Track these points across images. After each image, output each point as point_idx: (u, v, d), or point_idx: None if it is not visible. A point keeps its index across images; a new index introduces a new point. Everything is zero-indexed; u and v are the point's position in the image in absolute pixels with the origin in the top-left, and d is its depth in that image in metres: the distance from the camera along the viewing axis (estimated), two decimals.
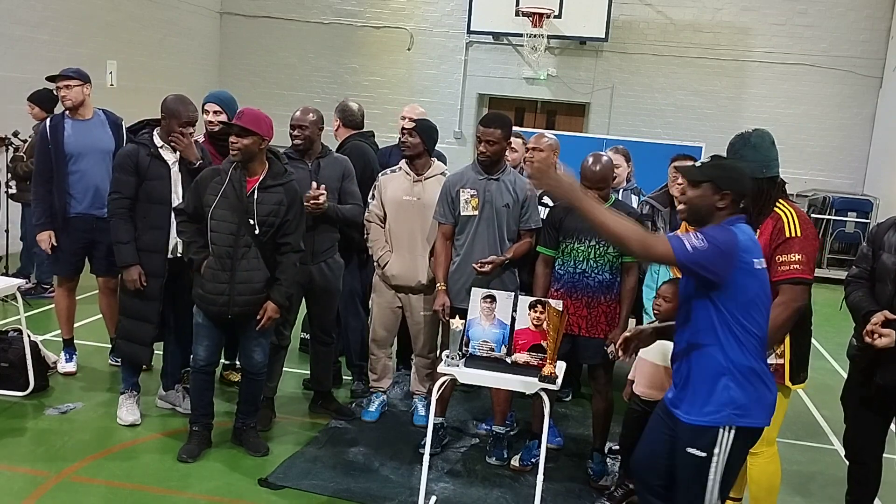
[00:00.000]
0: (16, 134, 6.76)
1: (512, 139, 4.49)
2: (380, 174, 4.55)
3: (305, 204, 4.09)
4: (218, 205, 3.80)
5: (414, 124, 4.38)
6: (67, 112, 4.86)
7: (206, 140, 4.66)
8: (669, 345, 3.49)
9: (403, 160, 4.46)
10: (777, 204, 3.20)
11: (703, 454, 2.66)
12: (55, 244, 4.84)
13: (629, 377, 3.83)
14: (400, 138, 4.48)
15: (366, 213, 4.53)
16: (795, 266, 3.08)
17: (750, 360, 2.67)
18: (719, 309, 2.65)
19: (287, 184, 3.92)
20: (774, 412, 2.79)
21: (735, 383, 2.65)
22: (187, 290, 4.03)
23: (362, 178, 4.62)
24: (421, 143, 4.34)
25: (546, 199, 4.33)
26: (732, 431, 2.65)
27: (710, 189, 2.69)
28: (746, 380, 2.66)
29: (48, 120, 4.88)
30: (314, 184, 4.20)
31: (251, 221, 3.78)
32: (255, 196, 3.82)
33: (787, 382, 3.27)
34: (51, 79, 4.88)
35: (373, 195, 4.52)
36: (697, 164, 2.85)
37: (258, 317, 3.91)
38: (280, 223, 3.87)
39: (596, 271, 3.90)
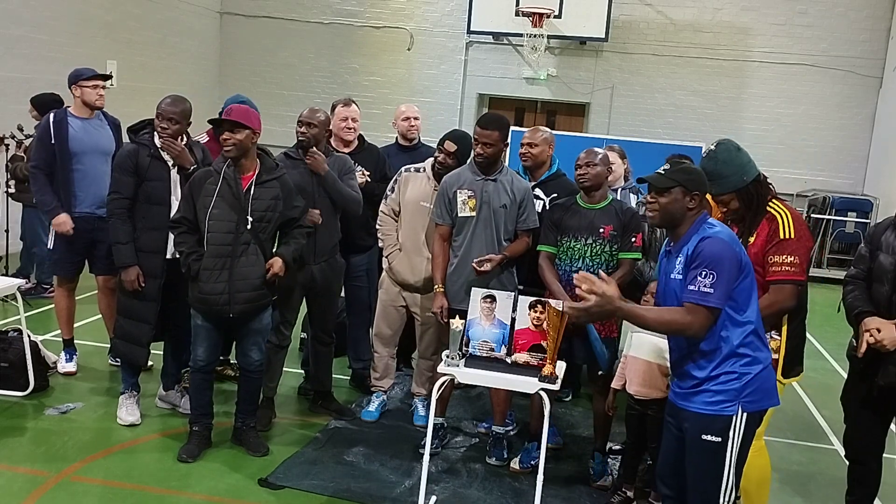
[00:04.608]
0: (20, 128, 6.74)
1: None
2: (403, 168, 4.53)
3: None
4: (215, 205, 3.80)
5: (456, 147, 4.29)
6: (71, 109, 4.85)
7: (211, 139, 4.65)
8: (661, 342, 3.51)
9: (430, 164, 4.42)
10: (771, 204, 3.23)
11: (719, 439, 2.73)
12: (56, 242, 4.83)
13: (612, 386, 3.82)
14: (436, 157, 4.37)
15: (381, 205, 4.53)
16: (788, 268, 3.11)
17: (749, 346, 2.73)
18: None
19: (281, 177, 3.96)
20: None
21: (740, 371, 2.71)
22: (186, 290, 4.04)
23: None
24: (457, 165, 4.30)
25: (538, 192, 4.31)
26: (745, 416, 2.72)
27: (680, 193, 2.78)
28: (749, 365, 2.72)
29: (52, 114, 4.84)
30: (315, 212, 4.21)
31: (248, 218, 3.80)
32: (252, 192, 3.83)
33: (780, 377, 3.28)
34: (102, 76, 4.85)
35: (392, 188, 4.51)
36: (660, 171, 2.89)
37: (266, 270, 3.90)
38: (278, 217, 3.90)
39: (592, 270, 3.88)
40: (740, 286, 2.71)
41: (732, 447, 2.73)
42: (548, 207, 4.21)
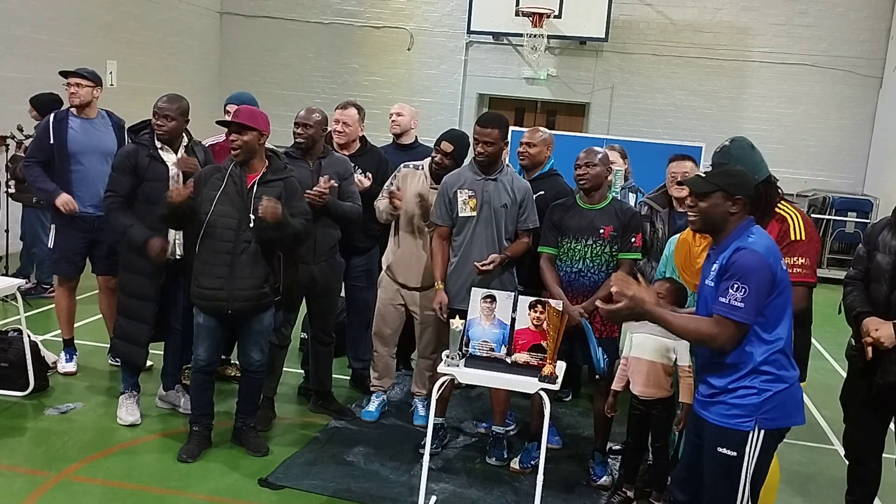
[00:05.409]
0: (20, 129, 6.75)
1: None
2: (402, 165, 4.53)
3: (308, 193, 4.08)
4: (219, 201, 3.81)
5: (452, 148, 4.29)
6: (73, 109, 4.86)
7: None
8: (664, 341, 3.51)
9: (428, 164, 4.42)
10: (780, 205, 3.21)
11: (734, 453, 2.68)
12: (57, 241, 4.82)
13: (612, 388, 3.80)
14: (433, 157, 4.37)
15: (377, 200, 4.51)
16: (800, 269, 3.09)
17: (773, 364, 2.66)
18: None
19: (287, 178, 3.95)
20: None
21: (759, 387, 2.65)
22: (186, 290, 4.04)
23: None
24: (455, 165, 4.30)
25: None
26: (762, 433, 2.66)
27: (721, 197, 2.70)
28: (771, 383, 2.65)
29: (52, 115, 4.85)
30: (325, 177, 4.17)
31: (251, 216, 3.80)
32: (255, 190, 3.83)
33: None
34: (64, 74, 4.85)
35: (391, 182, 4.49)
36: (700, 173, 2.84)
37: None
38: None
39: (592, 271, 3.90)
40: (773, 303, 2.62)
41: (748, 463, 2.67)
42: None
